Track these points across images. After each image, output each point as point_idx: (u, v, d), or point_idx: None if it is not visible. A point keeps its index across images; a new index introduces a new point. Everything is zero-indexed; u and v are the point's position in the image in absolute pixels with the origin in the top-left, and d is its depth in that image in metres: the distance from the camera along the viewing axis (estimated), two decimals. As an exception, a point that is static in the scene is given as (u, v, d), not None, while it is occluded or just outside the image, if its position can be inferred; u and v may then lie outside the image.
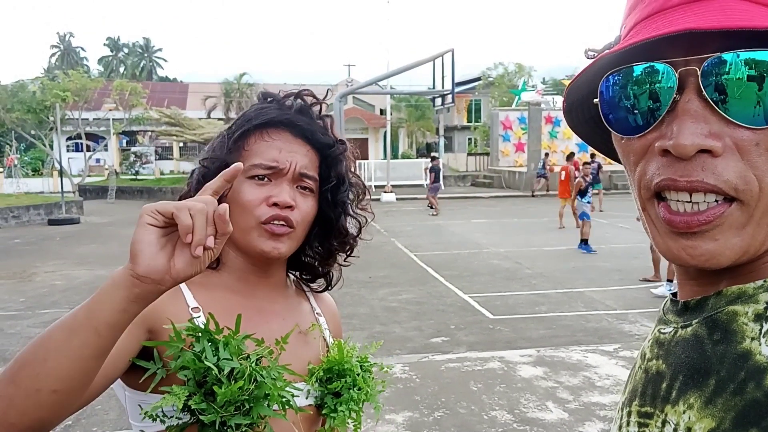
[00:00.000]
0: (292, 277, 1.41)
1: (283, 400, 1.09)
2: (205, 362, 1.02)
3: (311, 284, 1.43)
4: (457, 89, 19.37)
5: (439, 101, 19.79)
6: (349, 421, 1.31)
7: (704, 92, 0.58)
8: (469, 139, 45.67)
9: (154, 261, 0.86)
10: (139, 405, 1.11)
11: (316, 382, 1.28)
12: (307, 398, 1.26)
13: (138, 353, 1.10)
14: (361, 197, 1.38)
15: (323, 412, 1.28)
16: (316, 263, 1.39)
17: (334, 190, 1.30)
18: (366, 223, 1.40)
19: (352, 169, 1.35)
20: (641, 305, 8.42)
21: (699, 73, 0.58)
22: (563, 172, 16.90)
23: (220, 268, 1.26)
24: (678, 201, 0.61)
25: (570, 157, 18.00)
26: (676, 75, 0.60)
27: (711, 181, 0.58)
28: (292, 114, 1.27)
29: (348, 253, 1.40)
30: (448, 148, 43.33)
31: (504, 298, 9.14)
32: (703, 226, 0.60)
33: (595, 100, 0.68)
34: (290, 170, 1.24)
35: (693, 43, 0.59)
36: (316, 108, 1.32)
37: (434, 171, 21.56)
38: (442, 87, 18.63)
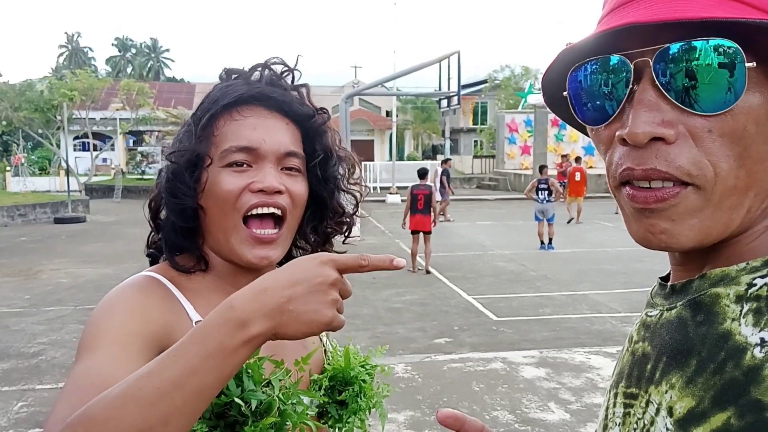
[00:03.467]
0: None
1: (305, 424, 1.01)
2: (230, 396, 0.92)
3: None
4: (463, 91, 19.36)
5: (444, 103, 19.74)
6: (356, 429, 1.23)
7: (656, 81, 0.60)
8: (475, 141, 45.63)
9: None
10: None
11: (320, 390, 1.18)
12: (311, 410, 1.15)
13: None
14: (351, 171, 1.24)
15: (328, 423, 1.20)
16: (309, 251, 1.22)
17: (322, 164, 1.15)
18: (361, 197, 1.26)
19: (338, 141, 1.20)
20: (645, 308, 8.35)
21: (651, 63, 0.60)
22: (578, 173, 18.21)
23: (209, 270, 1.13)
24: (639, 185, 0.63)
25: (578, 160, 19.59)
26: (632, 66, 0.62)
27: (663, 168, 0.60)
28: (262, 86, 1.11)
29: (347, 233, 1.26)
30: (454, 150, 43.31)
31: (508, 300, 9.13)
32: (660, 203, 0.62)
33: (564, 93, 0.71)
34: (271, 149, 1.08)
35: (647, 35, 0.61)
36: (289, 78, 1.17)
37: (445, 174, 20.50)
38: (448, 89, 18.60)
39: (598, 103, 0.66)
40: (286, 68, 1.16)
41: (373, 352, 1.28)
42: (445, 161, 22.87)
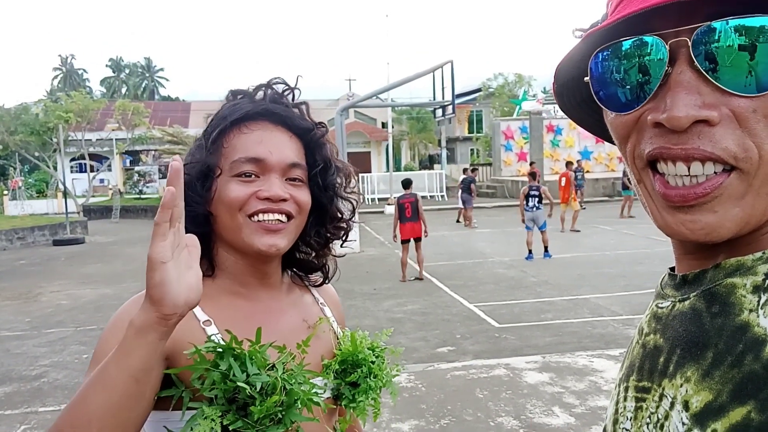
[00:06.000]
0: (289, 273, 1.37)
1: (312, 401, 1.09)
2: (236, 381, 1.03)
3: (310, 277, 1.40)
4: (457, 100, 19.35)
5: (440, 112, 19.76)
6: (369, 408, 1.32)
7: (696, 63, 0.57)
8: (472, 149, 45.72)
9: (178, 297, 0.90)
10: (165, 426, 1.07)
11: (332, 374, 1.27)
12: (324, 392, 1.24)
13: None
14: (348, 180, 1.34)
15: (342, 403, 1.29)
16: (312, 255, 1.34)
17: (322, 173, 1.25)
18: (358, 204, 1.37)
19: (335, 153, 1.30)
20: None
21: (690, 43, 0.57)
22: (563, 179, 17.73)
23: (218, 274, 1.22)
24: (676, 176, 0.59)
25: (568, 164, 19.36)
26: (667, 47, 0.58)
27: (708, 148, 0.57)
28: (267, 103, 1.22)
29: (344, 238, 1.35)
30: (451, 159, 43.39)
31: (509, 307, 9.11)
32: (701, 198, 0.58)
33: (585, 79, 0.67)
34: (277, 161, 1.17)
35: (682, 13, 0.57)
36: (290, 96, 1.27)
37: (466, 182, 20.89)
38: (443, 98, 18.62)
39: (627, 87, 0.62)
40: (287, 87, 1.27)
41: (379, 336, 1.38)
42: (473, 170, 22.94)
